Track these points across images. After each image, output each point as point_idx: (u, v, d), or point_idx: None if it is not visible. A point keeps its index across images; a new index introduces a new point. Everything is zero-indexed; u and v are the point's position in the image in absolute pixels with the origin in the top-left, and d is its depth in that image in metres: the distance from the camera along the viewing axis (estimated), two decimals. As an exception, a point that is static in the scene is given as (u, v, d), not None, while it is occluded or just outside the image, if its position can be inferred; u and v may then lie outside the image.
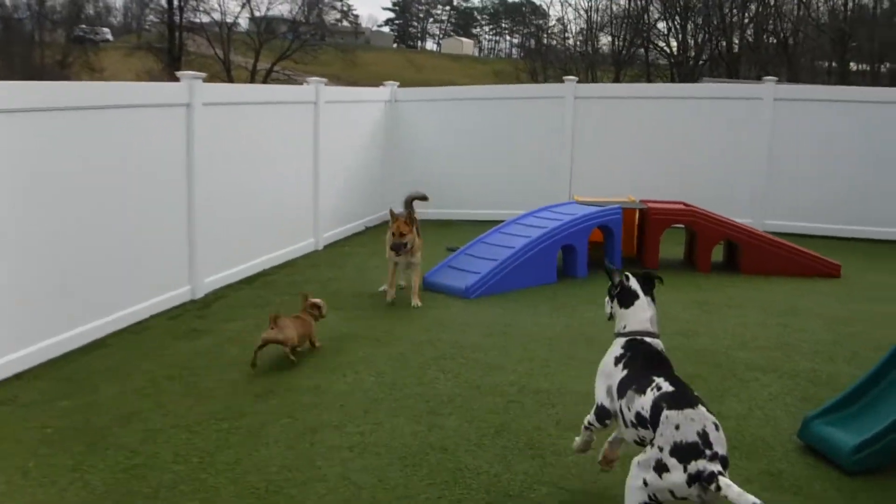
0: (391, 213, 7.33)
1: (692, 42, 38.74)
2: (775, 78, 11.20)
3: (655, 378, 3.37)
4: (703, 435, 3.05)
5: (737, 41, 36.91)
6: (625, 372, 3.56)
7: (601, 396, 3.71)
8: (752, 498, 2.84)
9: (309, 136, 9.62)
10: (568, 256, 8.25)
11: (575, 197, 9.71)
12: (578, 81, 11.89)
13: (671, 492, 3.08)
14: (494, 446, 4.38)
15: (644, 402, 3.31)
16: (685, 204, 9.02)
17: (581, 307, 7.13)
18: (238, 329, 6.48)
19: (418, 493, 3.88)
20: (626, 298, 3.76)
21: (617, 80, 37.32)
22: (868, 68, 32.36)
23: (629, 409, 3.42)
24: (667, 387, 3.29)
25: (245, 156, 8.21)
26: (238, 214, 8.08)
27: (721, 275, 8.52)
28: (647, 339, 3.67)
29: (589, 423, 3.80)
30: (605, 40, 46.51)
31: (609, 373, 3.67)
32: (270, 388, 5.22)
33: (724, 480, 2.93)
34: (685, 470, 3.02)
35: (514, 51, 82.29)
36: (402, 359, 5.80)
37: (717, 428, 3.10)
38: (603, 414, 3.69)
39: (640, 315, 3.72)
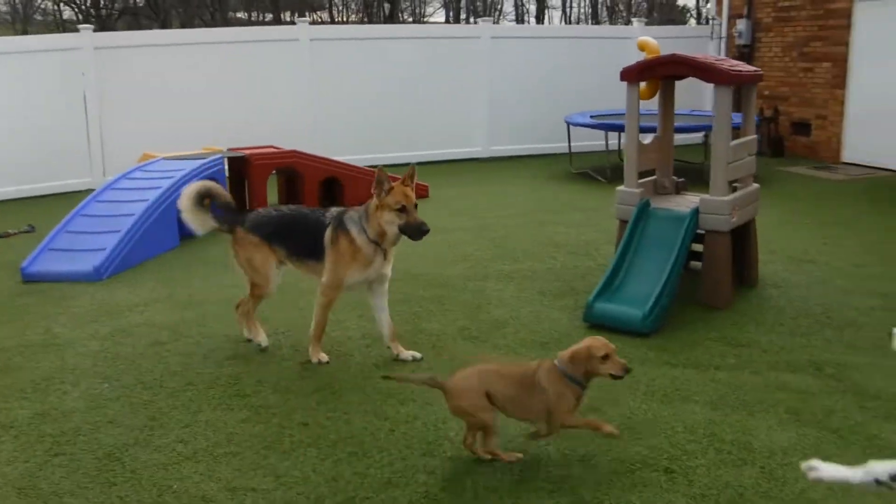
0: (378, 172, 4.31)
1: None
2: (308, 19, 11.33)
3: None
4: None
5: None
6: None
7: None
8: None
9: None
10: (184, 216, 7.36)
11: (146, 154, 8.63)
12: None
13: None
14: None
15: None
16: (275, 147, 8.78)
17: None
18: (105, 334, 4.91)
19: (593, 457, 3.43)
20: None
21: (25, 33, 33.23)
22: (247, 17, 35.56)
23: None
24: None
25: None
26: None
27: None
28: None
29: None
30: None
31: None
32: (241, 403, 4.07)
33: None
34: None
35: None
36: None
37: None
38: None
39: None
